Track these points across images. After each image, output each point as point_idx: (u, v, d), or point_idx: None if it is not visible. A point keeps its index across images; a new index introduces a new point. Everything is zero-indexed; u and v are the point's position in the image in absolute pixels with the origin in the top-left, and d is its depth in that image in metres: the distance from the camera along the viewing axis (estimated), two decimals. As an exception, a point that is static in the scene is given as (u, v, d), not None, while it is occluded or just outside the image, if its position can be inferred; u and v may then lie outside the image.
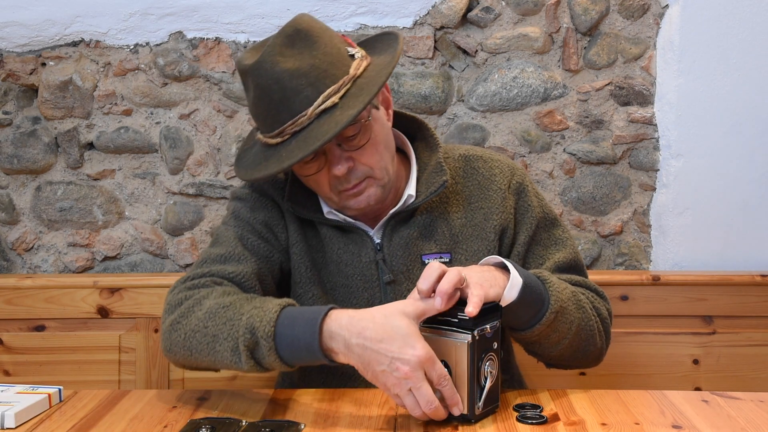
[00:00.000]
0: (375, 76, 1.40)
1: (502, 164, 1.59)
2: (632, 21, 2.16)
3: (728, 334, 2.07)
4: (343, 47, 1.43)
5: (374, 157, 1.44)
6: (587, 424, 1.28)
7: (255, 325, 1.29)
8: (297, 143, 1.37)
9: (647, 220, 2.22)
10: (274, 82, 1.36)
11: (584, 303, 1.47)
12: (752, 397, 1.40)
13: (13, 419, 1.29)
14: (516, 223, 1.55)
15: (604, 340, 1.53)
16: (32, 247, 2.23)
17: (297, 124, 1.37)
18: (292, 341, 1.27)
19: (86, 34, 2.15)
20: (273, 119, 1.39)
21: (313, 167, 1.43)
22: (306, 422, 1.29)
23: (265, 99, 1.38)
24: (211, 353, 1.34)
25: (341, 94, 1.37)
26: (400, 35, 1.50)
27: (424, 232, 1.53)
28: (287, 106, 1.37)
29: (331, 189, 1.45)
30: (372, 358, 1.21)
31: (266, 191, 1.57)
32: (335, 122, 1.34)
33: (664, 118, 2.17)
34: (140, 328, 2.06)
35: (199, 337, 1.35)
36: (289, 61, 1.36)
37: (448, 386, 1.21)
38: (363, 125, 1.41)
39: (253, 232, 1.54)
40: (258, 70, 1.37)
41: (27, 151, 2.19)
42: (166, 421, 1.32)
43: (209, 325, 1.35)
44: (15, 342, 2.07)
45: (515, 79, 2.16)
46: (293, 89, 1.36)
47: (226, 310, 1.35)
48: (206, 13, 2.13)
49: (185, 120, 2.19)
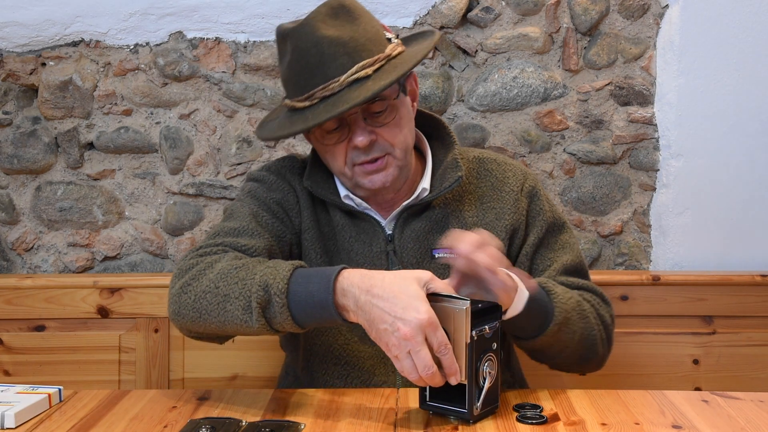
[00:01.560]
0: (408, 59, 1.46)
1: (516, 168, 1.63)
2: (632, 21, 2.16)
3: (728, 334, 2.07)
4: (381, 30, 1.48)
5: (397, 136, 1.47)
6: (587, 424, 1.28)
7: (268, 282, 1.29)
8: (325, 106, 1.41)
9: (647, 220, 2.22)
10: (312, 45, 1.40)
11: (588, 312, 1.49)
12: (752, 397, 1.40)
13: (13, 419, 1.29)
14: (527, 225, 1.58)
15: (606, 348, 1.56)
16: (32, 247, 2.23)
17: (328, 89, 1.41)
18: (306, 298, 1.27)
19: (86, 34, 2.15)
20: (305, 82, 1.43)
21: (335, 137, 1.46)
22: (306, 422, 1.29)
23: (301, 61, 1.42)
24: (222, 313, 1.33)
25: (375, 68, 1.42)
26: (437, 32, 1.58)
27: (435, 226, 1.55)
28: (322, 71, 1.41)
29: (347, 163, 1.48)
30: (376, 315, 1.22)
31: (284, 175, 1.60)
32: (366, 89, 1.38)
33: (664, 118, 2.17)
34: (140, 328, 2.06)
35: (209, 298, 1.34)
36: (331, 29, 1.41)
37: (448, 354, 1.21)
38: (390, 103, 1.45)
39: (268, 210, 1.55)
40: (299, 33, 1.42)
41: (27, 151, 2.19)
42: (166, 421, 1.32)
43: (221, 285, 1.34)
44: (15, 342, 2.07)
45: (515, 79, 2.16)
46: (330, 55, 1.40)
47: (238, 270, 1.34)
48: (206, 13, 2.13)
49: (185, 120, 2.19)
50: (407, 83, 1.52)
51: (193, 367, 2.06)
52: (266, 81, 2.17)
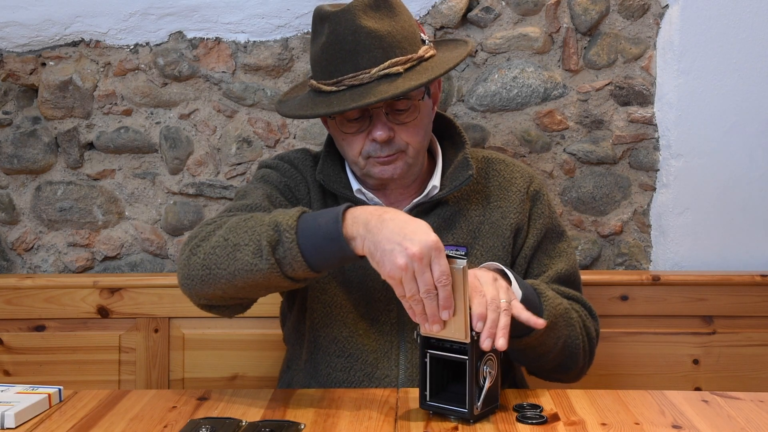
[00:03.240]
0: (440, 64, 1.48)
1: (523, 170, 1.65)
2: (632, 21, 2.16)
3: (728, 334, 2.07)
4: (417, 30, 1.51)
5: (415, 136, 1.50)
6: (587, 424, 1.28)
7: (278, 220, 1.32)
8: (351, 95, 1.42)
9: (647, 220, 2.22)
10: (350, 33, 1.42)
11: (575, 321, 1.52)
12: (752, 397, 1.40)
13: (13, 419, 1.29)
14: (528, 226, 1.60)
15: (587, 360, 1.58)
16: (32, 247, 2.23)
17: (357, 78, 1.43)
18: (315, 231, 1.29)
19: (86, 34, 2.15)
20: (336, 67, 1.44)
21: (355, 126, 1.49)
22: (306, 422, 1.29)
23: (335, 46, 1.44)
24: (232, 262, 1.33)
25: (407, 66, 1.44)
26: (471, 42, 1.60)
27: (444, 224, 1.57)
28: (354, 59, 1.43)
29: (361, 153, 1.50)
30: (385, 236, 1.23)
31: (296, 165, 1.63)
32: (395, 86, 1.40)
33: (664, 118, 2.17)
34: (140, 328, 2.06)
35: (219, 252, 1.35)
36: (371, 21, 1.43)
37: (448, 286, 1.22)
38: (414, 103, 1.48)
39: (280, 192, 1.58)
40: (339, 18, 1.43)
41: (27, 151, 2.19)
42: (166, 421, 1.32)
43: (230, 237, 1.35)
44: (15, 342, 2.07)
45: (515, 79, 2.16)
46: (365, 45, 1.42)
47: (247, 221, 1.36)
48: (206, 13, 2.13)
49: (185, 120, 2.19)
50: (432, 86, 1.55)
51: (193, 367, 2.06)
52: (266, 81, 2.17)
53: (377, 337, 1.54)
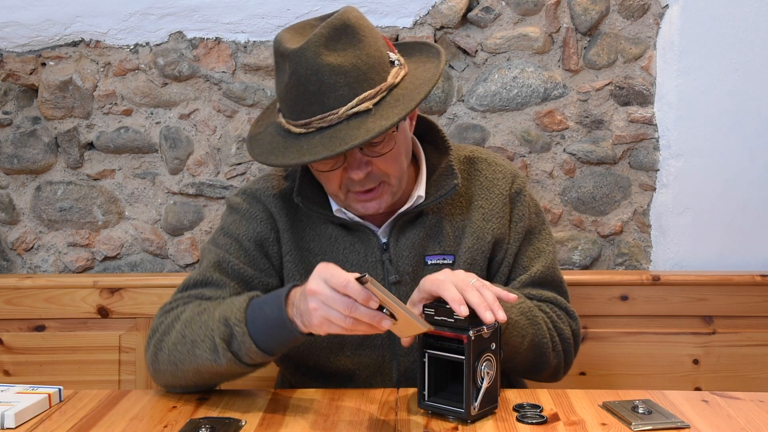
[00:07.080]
0: (412, 90, 1.39)
1: (506, 170, 1.61)
2: (632, 21, 2.16)
3: (728, 334, 2.07)
4: (385, 51, 1.42)
5: (393, 165, 1.44)
6: (587, 424, 1.28)
7: (227, 315, 1.33)
8: (321, 140, 1.36)
9: (647, 220, 2.22)
10: (312, 73, 1.34)
11: (540, 320, 1.49)
12: (752, 397, 1.40)
13: (13, 419, 1.29)
14: (509, 234, 1.57)
15: (561, 359, 1.54)
16: (32, 247, 2.23)
17: (325, 120, 1.36)
18: (263, 320, 1.31)
19: (86, 34, 2.15)
20: (302, 109, 1.37)
21: (329, 164, 1.42)
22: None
23: (299, 87, 1.36)
24: (193, 360, 1.37)
25: (376, 100, 1.36)
26: (443, 53, 1.48)
27: (430, 233, 1.54)
28: (320, 100, 1.35)
29: (341, 188, 1.45)
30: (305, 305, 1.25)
31: (260, 197, 1.57)
32: (366, 129, 1.33)
33: (664, 118, 2.17)
34: (140, 328, 2.06)
35: (180, 348, 1.39)
36: (332, 55, 1.34)
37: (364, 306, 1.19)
38: (388, 135, 1.40)
39: (239, 252, 1.54)
40: (299, 58, 1.34)
41: (27, 151, 2.19)
42: (166, 421, 1.32)
43: (187, 333, 1.38)
44: (15, 342, 2.07)
45: (515, 79, 2.16)
46: (330, 85, 1.34)
47: (200, 315, 1.39)
48: (206, 13, 2.13)
49: (185, 120, 2.19)
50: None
51: (193, 367, 2.06)
52: (266, 81, 2.17)
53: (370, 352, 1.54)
